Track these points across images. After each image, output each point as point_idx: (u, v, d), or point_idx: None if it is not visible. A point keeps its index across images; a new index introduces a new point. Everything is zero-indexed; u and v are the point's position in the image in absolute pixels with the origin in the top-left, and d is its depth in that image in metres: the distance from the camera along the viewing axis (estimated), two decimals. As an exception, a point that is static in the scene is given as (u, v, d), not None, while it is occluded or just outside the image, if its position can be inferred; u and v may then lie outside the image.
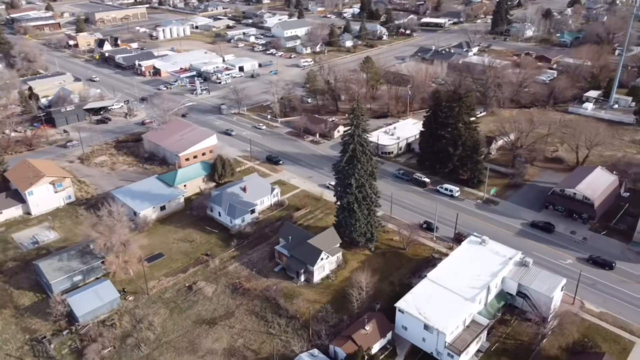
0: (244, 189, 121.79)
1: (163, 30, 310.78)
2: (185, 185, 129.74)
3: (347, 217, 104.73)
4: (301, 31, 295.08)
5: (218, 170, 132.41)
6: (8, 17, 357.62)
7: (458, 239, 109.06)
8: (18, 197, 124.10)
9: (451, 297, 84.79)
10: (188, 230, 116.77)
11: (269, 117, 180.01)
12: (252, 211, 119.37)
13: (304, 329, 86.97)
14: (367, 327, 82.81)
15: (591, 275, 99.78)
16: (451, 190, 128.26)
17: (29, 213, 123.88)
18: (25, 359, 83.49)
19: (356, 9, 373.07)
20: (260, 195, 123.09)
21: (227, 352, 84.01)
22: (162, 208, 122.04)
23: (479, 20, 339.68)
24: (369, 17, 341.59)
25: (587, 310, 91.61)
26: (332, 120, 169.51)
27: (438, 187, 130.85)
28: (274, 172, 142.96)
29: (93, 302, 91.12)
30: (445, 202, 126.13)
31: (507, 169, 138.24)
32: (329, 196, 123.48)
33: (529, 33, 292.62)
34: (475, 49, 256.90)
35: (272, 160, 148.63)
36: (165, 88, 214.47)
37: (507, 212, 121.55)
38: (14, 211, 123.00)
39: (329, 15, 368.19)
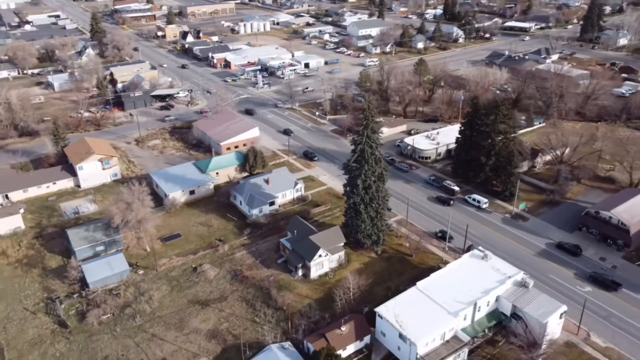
0: (266, 181, 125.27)
1: (244, 25, 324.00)
2: (217, 173, 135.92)
3: (354, 217, 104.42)
4: (375, 31, 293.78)
5: (249, 161, 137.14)
6: (113, 8, 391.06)
7: (469, 251, 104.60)
8: (71, 171, 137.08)
9: (434, 308, 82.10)
10: (210, 216, 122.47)
11: (317, 113, 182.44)
12: (272, 203, 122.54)
13: (287, 322, 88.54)
14: (343, 328, 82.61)
15: (605, 304, 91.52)
16: (479, 202, 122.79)
17: (78, 186, 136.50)
18: (38, 314, 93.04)
19: (440, 10, 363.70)
20: (282, 188, 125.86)
21: (210, 333, 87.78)
22: (192, 192, 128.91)
23: (570, 26, 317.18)
24: (450, 19, 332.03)
25: (592, 343, 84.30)
26: (380, 121, 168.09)
27: (466, 197, 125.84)
28: (306, 168, 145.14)
29: (104, 271, 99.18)
30: (471, 212, 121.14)
31: (547, 184, 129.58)
32: None
33: (623, 41, 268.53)
34: (554, 56, 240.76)
35: (308, 156, 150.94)
36: (230, 80, 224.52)
37: (535, 229, 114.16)
38: (66, 183, 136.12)
39: (410, 16, 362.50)
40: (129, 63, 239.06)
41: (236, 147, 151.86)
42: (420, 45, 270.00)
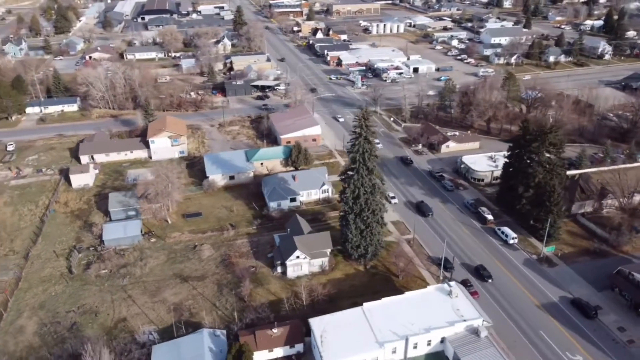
0: (294, 178, 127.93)
1: (377, 25, 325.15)
2: (262, 163, 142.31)
3: (344, 226, 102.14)
4: (508, 40, 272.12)
5: (292, 156, 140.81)
6: (268, 2, 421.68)
7: (465, 286, 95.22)
8: (147, 144, 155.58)
9: (365, 334, 77.74)
10: (237, 202, 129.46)
11: (392, 119, 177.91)
12: (293, 199, 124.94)
13: (240, 312, 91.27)
14: (275, 330, 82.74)
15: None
16: (507, 235, 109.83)
17: (150, 157, 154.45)
18: (59, 258, 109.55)
19: (601, 21, 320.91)
20: (308, 187, 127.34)
21: (173, 306, 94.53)
22: (231, 177, 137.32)
23: None
24: (607, 32, 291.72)
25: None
26: (454, 134, 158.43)
27: (496, 228, 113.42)
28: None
29: (119, 233, 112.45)
30: (494, 246, 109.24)
31: (604, 231, 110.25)
32: None
33: None
34: None
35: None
36: (335, 78, 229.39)
37: (558, 279, 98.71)
38: (141, 153, 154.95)
39: (563, 26, 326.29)
40: (250, 54, 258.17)
41: (296, 141, 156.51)
42: (551, 58, 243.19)
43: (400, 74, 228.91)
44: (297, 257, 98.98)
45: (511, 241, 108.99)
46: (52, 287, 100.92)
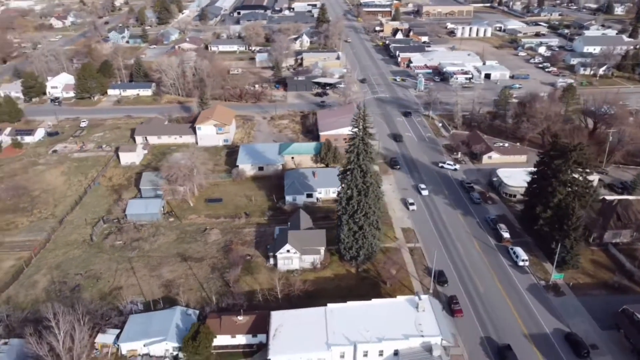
0: (314, 174, 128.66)
1: (462, 28, 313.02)
2: (292, 158, 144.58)
3: (338, 226, 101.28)
4: (599, 49, 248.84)
5: (321, 153, 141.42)
6: (359, 1, 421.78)
7: (450, 302, 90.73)
8: (195, 130, 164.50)
9: (318, 334, 77.03)
10: (260, 192, 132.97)
11: (440, 125, 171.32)
12: (309, 195, 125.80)
13: (220, 296, 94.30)
14: (240, 317, 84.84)
15: None
16: (517, 256, 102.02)
17: (197, 143, 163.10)
18: (87, 226, 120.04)
19: None
20: (327, 184, 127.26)
21: (164, 282, 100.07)
22: (260, 168, 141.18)
23: None
24: None
25: None
26: (501, 145, 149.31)
27: (509, 247, 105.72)
28: (383, 174, 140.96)
29: (140, 209, 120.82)
30: (503, 266, 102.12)
31: (632, 265, 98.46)
32: (399, 213, 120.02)
33: None
34: None
35: (392, 163, 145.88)
36: (398, 79, 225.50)
37: (559, 310, 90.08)
38: (189, 138, 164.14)
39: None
40: (322, 51, 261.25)
41: (335, 139, 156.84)
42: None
43: (469, 79, 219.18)
44: (287, 250, 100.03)
45: (521, 263, 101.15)
46: (72, 250, 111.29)
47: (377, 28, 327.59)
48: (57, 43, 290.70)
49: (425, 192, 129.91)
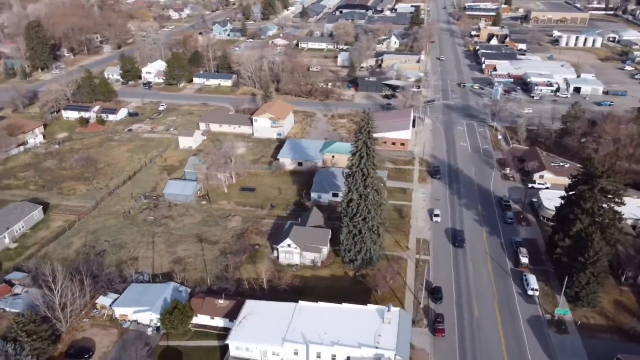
0: (343, 174, 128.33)
1: (568, 37, 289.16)
2: (333, 156, 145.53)
3: (340, 227, 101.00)
4: None
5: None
6: (465, 5, 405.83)
7: (435, 319, 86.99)
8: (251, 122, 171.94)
9: (280, 328, 78.33)
10: (293, 186, 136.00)
11: (499, 137, 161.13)
12: (335, 194, 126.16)
13: (216, 279, 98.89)
14: (221, 301, 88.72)
15: None
16: (528, 285, 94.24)
17: (253, 134, 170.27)
18: (131, 200, 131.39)
19: None
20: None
21: (175, 259, 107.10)
22: (299, 164, 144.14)
23: None
24: None
25: None
26: (561, 165, 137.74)
27: (523, 274, 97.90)
28: (418, 181, 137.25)
29: (176, 189, 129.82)
30: (510, 292, 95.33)
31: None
32: (421, 223, 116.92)
33: None
34: None
35: (433, 172, 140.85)
36: (475, 86, 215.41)
37: (555, 348, 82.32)
38: (247, 129, 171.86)
39: None
40: (404, 53, 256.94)
41: (384, 142, 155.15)
42: None
43: (554, 91, 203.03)
44: (288, 245, 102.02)
45: (530, 292, 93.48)
46: (110, 220, 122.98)
47: (473, 32, 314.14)
48: (166, 33, 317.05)
49: (457, 205, 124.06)
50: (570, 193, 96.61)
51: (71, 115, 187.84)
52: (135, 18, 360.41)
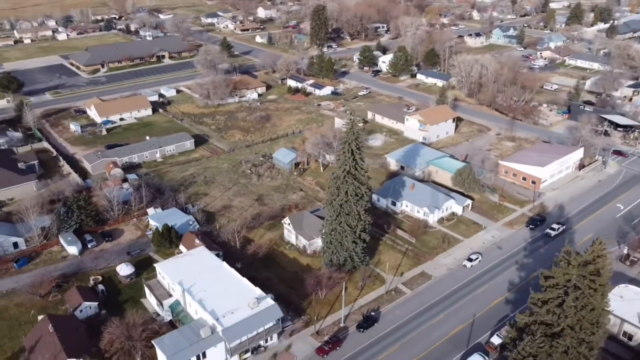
0: (411, 187, 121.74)
1: None
2: (437, 171, 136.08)
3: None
4: None
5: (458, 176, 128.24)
6: None
7: (328, 341, 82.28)
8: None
9: (187, 273, 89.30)
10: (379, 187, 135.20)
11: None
12: (393, 203, 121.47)
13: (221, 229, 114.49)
14: (197, 242, 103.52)
15: None
16: (464, 362, 76.43)
17: (403, 132, 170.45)
18: (256, 154, 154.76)
19: None
20: (414, 201, 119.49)
21: (226, 204, 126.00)
22: (402, 167, 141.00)
23: None
24: None
25: None
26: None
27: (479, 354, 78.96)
28: (505, 225, 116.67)
29: (280, 157, 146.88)
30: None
31: None
32: (446, 260, 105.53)
33: None
34: None
35: (532, 220, 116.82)
36: None
37: None
38: (401, 126, 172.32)
39: None
40: None
41: (514, 175, 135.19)
42: None
43: None
44: (288, 224, 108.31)
45: (459, 370, 76.11)
46: (224, 163, 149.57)
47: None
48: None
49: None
50: None
51: (292, 84, 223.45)
52: (427, 13, 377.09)
